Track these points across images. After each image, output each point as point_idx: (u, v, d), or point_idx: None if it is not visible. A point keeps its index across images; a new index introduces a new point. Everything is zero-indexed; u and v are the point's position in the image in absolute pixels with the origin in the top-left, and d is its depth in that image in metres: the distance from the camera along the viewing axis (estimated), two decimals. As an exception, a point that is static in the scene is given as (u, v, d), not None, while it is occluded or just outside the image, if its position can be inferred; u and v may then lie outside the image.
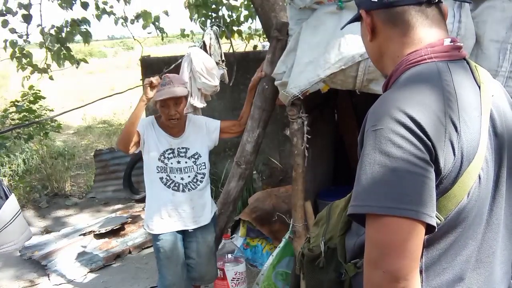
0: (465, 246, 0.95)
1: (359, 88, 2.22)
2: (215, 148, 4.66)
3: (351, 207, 0.91)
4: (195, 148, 2.62)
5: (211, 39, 2.94)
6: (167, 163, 2.58)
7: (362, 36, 1.14)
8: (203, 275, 2.71)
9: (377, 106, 0.94)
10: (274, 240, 3.62)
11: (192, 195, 2.62)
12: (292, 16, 2.49)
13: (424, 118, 0.87)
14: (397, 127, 0.87)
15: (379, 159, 0.87)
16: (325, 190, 3.17)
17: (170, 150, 2.59)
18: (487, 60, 1.96)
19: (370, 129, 0.91)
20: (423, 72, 0.96)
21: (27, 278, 3.87)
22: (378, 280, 0.85)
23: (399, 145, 0.86)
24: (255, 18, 5.58)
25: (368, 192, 0.87)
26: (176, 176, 2.59)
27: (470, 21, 1.97)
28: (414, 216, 0.83)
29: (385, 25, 1.04)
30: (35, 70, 5.41)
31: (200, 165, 2.63)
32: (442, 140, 0.88)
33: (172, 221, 2.60)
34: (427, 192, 0.85)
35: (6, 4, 5.01)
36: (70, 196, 5.98)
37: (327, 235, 1.30)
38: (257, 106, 2.82)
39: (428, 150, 0.86)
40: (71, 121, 10.01)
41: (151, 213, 2.61)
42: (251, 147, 2.86)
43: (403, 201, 0.84)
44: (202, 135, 2.67)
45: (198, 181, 2.63)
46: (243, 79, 4.77)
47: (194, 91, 2.84)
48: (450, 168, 0.89)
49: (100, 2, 5.58)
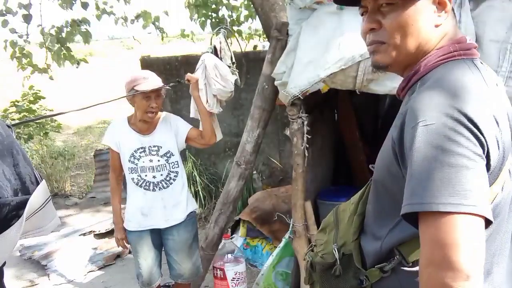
0: (494, 240, 0.96)
1: (359, 88, 2.22)
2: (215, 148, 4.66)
3: (409, 205, 0.86)
4: (167, 147, 2.63)
5: (221, 43, 2.93)
6: (137, 163, 2.61)
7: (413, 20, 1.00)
8: (181, 273, 2.73)
9: (422, 102, 0.91)
10: (274, 240, 3.62)
11: (163, 194, 2.63)
12: (292, 16, 2.49)
13: (476, 114, 0.86)
14: (451, 123, 0.85)
15: (435, 155, 0.84)
16: (325, 190, 3.17)
17: (141, 149, 2.61)
18: (487, 60, 1.96)
19: (418, 124, 0.87)
20: (459, 69, 0.96)
21: (27, 278, 3.87)
22: (446, 281, 0.81)
23: (456, 141, 0.84)
24: (255, 18, 5.57)
25: (428, 189, 0.83)
26: (148, 174, 2.61)
27: (470, 21, 1.97)
28: (478, 212, 0.81)
29: (452, 12, 1.04)
30: (35, 70, 5.41)
31: (172, 163, 2.64)
32: (491, 135, 0.87)
33: (143, 219, 2.65)
34: (485, 187, 0.85)
35: (6, 4, 5.01)
36: (70, 196, 5.99)
37: (340, 241, 1.24)
38: (257, 106, 2.82)
39: (482, 145, 0.86)
40: (71, 121, 10.00)
41: (126, 211, 2.73)
42: (251, 147, 2.86)
43: (466, 197, 0.81)
44: (172, 134, 2.67)
45: (171, 179, 2.64)
46: (242, 79, 4.78)
47: (210, 97, 2.80)
48: (495, 164, 0.89)
49: (100, 2, 5.58)
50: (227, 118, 5.11)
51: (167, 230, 2.68)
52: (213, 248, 3.00)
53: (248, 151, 2.87)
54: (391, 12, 1.01)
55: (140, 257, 2.70)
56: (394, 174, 0.97)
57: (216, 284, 2.97)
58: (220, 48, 2.91)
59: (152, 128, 2.64)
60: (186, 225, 2.69)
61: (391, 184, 1.01)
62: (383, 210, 1.08)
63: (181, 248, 2.70)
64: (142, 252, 2.69)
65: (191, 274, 2.75)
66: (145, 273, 2.70)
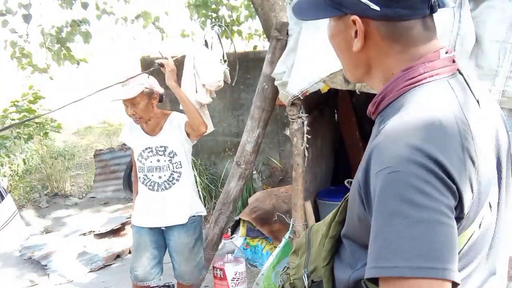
0: (471, 275, 0.88)
1: (359, 88, 2.22)
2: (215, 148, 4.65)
3: (374, 269, 0.75)
4: (171, 147, 2.64)
5: (212, 38, 2.94)
6: (145, 163, 2.64)
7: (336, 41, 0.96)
8: (182, 274, 2.76)
9: (386, 143, 0.80)
10: (274, 240, 3.62)
11: (165, 194, 2.65)
12: (292, 16, 2.49)
13: (446, 158, 0.75)
14: (418, 170, 0.74)
15: (401, 209, 0.74)
16: (325, 190, 3.17)
17: (149, 149, 2.64)
18: (487, 60, 1.96)
19: (382, 172, 0.77)
20: (429, 97, 0.84)
21: (27, 278, 3.87)
22: None
23: (424, 192, 0.73)
24: (255, 18, 5.58)
25: (393, 249, 0.73)
26: (154, 174, 2.64)
27: (470, 21, 1.97)
28: (447, 276, 0.72)
29: (383, 39, 0.89)
30: (35, 70, 5.42)
31: (176, 163, 2.64)
32: (464, 180, 0.77)
33: (144, 217, 2.70)
34: (455, 245, 0.75)
35: (6, 4, 5.01)
36: (70, 196, 5.99)
37: (310, 266, 1.13)
38: (257, 106, 2.82)
39: (453, 195, 0.76)
40: (71, 121, 10.00)
41: (134, 206, 2.79)
42: (251, 147, 2.86)
43: (437, 259, 0.72)
44: (178, 133, 2.66)
45: (174, 180, 2.65)
46: (243, 79, 4.78)
47: (199, 87, 2.84)
48: (469, 208, 0.79)
49: (100, 2, 5.58)
50: (227, 118, 5.11)
51: (167, 230, 2.69)
52: (213, 248, 3.00)
53: (248, 151, 2.87)
54: (328, 25, 0.97)
55: (136, 253, 2.74)
56: (362, 218, 0.87)
57: (216, 284, 2.97)
58: (211, 44, 2.92)
59: (159, 129, 2.66)
60: (187, 228, 2.69)
61: (359, 230, 0.91)
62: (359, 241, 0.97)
63: (181, 250, 2.71)
64: (139, 248, 2.73)
65: (191, 277, 2.77)
66: (138, 269, 2.73)
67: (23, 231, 4.16)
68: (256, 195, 4.20)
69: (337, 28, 0.94)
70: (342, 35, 0.93)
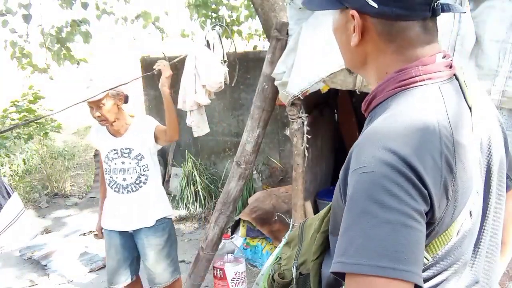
0: (450, 280, 0.89)
1: (359, 88, 2.22)
2: (215, 148, 4.65)
3: (338, 263, 0.78)
4: (138, 150, 2.62)
5: (214, 38, 2.94)
6: (111, 164, 2.63)
7: (338, 34, 0.98)
8: (152, 277, 2.74)
9: (365, 143, 0.82)
10: (274, 240, 3.62)
11: (131, 197, 2.64)
12: (292, 16, 2.49)
13: (420, 163, 0.77)
14: (391, 172, 0.76)
15: (370, 209, 0.76)
16: (325, 190, 3.18)
17: (114, 151, 2.63)
18: (487, 60, 1.96)
19: (357, 170, 0.79)
20: (415, 101, 0.85)
21: (27, 278, 3.87)
22: None
23: (394, 194, 0.75)
24: (255, 18, 5.58)
25: (358, 247, 0.76)
26: (119, 177, 2.63)
27: (470, 21, 1.97)
28: (408, 277, 0.74)
29: (379, 37, 0.89)
30: (35, 70, 5.42)
31: (143, 166, 2.64)
32: (437, 186, 0.78)
33: (112, 220, 2.70)
34: (420, 249, 0.77)
35: (6, 4, 5.01)
36: (70, 196, 5.99)
37: (300, 258, 1.16)
38: (257, 106, 2.82)
39: (424, 200, 0.77)
40: (71, 121, 10.00)
41: (103, 209, 2.78)
42: (251, 147, 2.86)
43: (398, 260, 0.74)
44: (144, 136, 2.64)
45: (141, 183, 2.64)
46: (243, 79, 4.78)
47: (199, 88, 2.83)
48: (442, 214, 0.81)
49: (100, 2, 5.59)
50: (227, 118, 5.11)
51: (136, 233, 2.69)
52: (213, 248, 3.00)
53: (248, 151, 2.87)
54: (332, 17, 1.01)
55: (107, 256, 2.75)
56: (342, 209, 0.89)
57: (216, 284, 2.97)
58: (213, 44, 2.92)
59: (123, 131, 2.64)
60: (155, 231, 2.67)
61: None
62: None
63: (149, 253, 2.69)
64: (109, 252, 2.73)
65: (160, 279, 2.74)
66: (108, 272, 2.74)
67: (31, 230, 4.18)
68: (256, 195, 4.20)
69: (340, 21, 0.96)
70: (343, 28, 0.95)
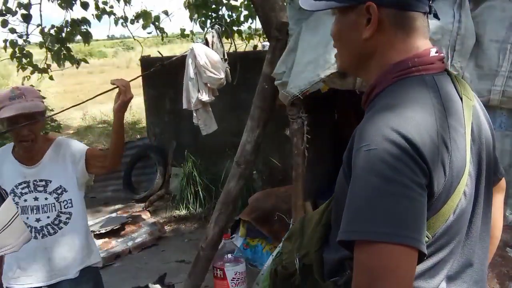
0: (447, 261, 0.94)
1: (359, 88, 2.22)
2: (215, 148, 4.62)
3: (345, 232, 0.84)
4: (58, 181, 2.09)
5: (213, 37, 2.94)
6: (19, 202, 2.07)
7: (344, 33, 1.02)
8: None
9: (368, 125, 0.88)
10: (274, 240, 3.62)
11: (47, 242, 2.09)
12: (292, 16, 2.49)
13: (420, 140, 0.84)
14: (393, 148, 0.82)
15: (374, 182, 0.82)
16: (325, 190, 3.17)
17: (24, 184, 2.07)
18: (487, 60, 1.96)
19: (361, 149, 0.85)
20: (412, 87, 0.92)
21: None
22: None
23: (395, 168, 0.82)
24: (255, 18, 5.58)
25: (363, 216, 0.82)
26: (30, 217, 2.07)
27: (470, 21, 1.97)
28: (411, 243, 0.80)
29: (391, 27, 0.96)
30: (35, 70, 5.42)
31: (64, 202, 2.10)
32: (436, 162, 0.85)
33: (20, 274, 2.10)
34: (422, 218, 0.83)
35: (6, 4, 5.01)
36: (70, 196, 5.98)
37: (302, 250, 1.21)
38: (257, 106, 2.82)
39: (424, 173, 0.84)
40: (71, 121, 10.01)
41: (5, 262, 2.12)
42: (251, 147, 2.86)
43: (401, 227, 0.80)
44: (67, 164, 2.12)
45: (62, 223, 2.11)
46: (243, 79, 4.76)
47: (201, 86, 2.83)
48: (441, 190, 0.87)
49: (100, 2, 5.59)
50: (227, 118, 5.11)
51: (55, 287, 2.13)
52: (213, 248, 3.00)
53: (248, 151, 2.87)
54: (335, 20, 1.05)
55: None
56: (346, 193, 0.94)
57: (216, 284, 2.97)
58: (212, 42, 2.93)
59: (39, 158, 2.09)
60: (80, 283, 2.14)
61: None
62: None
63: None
64: None
65: None
66: None
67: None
68: (256, 195, 4.20)
69: (347, 20, 1.00)
70: (353, 25, 0.99)
